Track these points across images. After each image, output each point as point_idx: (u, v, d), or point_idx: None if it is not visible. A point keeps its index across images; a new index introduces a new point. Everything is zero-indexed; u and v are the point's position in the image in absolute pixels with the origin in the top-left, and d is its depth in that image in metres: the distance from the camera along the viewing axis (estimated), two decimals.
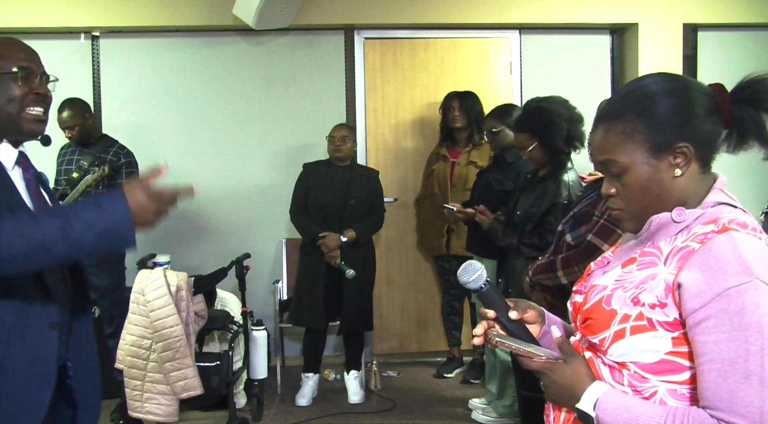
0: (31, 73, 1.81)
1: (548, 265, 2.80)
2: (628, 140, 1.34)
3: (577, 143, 3.20)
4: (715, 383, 1.20)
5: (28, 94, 1.80)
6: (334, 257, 4.34)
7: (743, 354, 1.19)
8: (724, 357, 1.20)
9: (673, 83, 1.36)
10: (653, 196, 1.34)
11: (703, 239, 1.27)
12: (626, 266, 1.37)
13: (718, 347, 1.20)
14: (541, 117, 3.19)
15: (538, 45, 5.34)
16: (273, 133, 5.23)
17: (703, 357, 1.22)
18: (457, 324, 5.01)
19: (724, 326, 1.20)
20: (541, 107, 3.23)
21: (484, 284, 1.42)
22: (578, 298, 1.47)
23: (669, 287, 1.26)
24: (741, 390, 1.18)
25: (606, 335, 1.32)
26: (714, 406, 1.20)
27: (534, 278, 2.85)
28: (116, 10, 4.89)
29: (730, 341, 1.19)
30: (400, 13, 5.05)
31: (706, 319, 1.21)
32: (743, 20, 5.17)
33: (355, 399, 4.46)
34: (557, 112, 3.18)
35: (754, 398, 1.18)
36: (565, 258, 2.75)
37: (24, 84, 1.79)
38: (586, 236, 2.65)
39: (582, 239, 2.65)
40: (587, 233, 2.64)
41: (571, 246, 2.71)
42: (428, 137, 5.20)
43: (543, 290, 2.84)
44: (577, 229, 2.71)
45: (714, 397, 1.20)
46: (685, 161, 1.33)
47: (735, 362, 1.19)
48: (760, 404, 1.17)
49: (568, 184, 3.19)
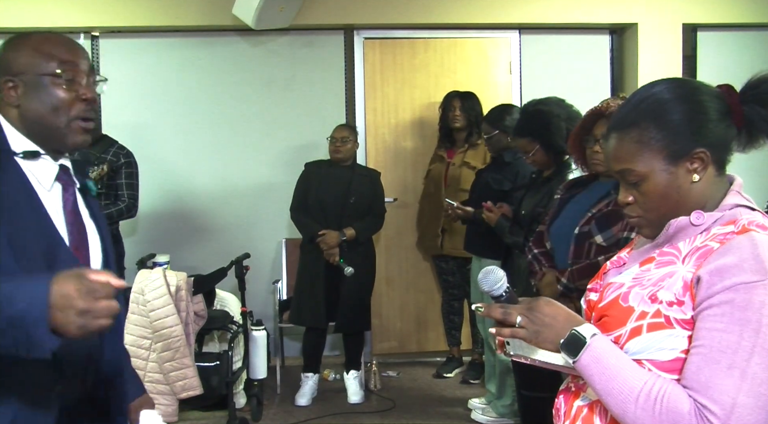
0: (76, 74, 1.54)
1: (589, 268, 2.62)
2: (645, 149, 1.34)
3: None
4: (697, 365, 1.22)
5: (75, 101, 1.53)
6: (332, 255, 4.34)
7: (733, 347, 1.20)
8: (715, 345, 1.21)
9: (685, 89, 1.36)
10: (672, 203, 1.35)
11: (723, 239, 1.28)
12: (644, 265, 1.37)
13: (711, 335, 1.22)
14: (540, 120, 3.21)
15: (537, 45, 5.35)
16: (272, 133, 5.23)
17: (696, 341, 1.24)
18: (457, 324, 5.01)
19: (724, 317, 1.21)
20: (539, 110, 3.25)
21: (505, 291, 1.39)
22: (593, 296, 1.47)
23: (687, 285, 1.27)
24: (720, 378, 1.20)
25: (622, 332, 1.32)
26: (690, 385, 1.22)
27: (575, 284, 2.69)
28: (116, 10, 4.89)
29: (725, 332, 1.21)
30: (400, 13, 5.05)
31: (709, 307, 1.23)
32: (743, 20, 5.17)
33: (355, 399, 4.46)
34: (555, 113, 3.19)
35: (730, 388, 1.19)
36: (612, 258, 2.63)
37: (69, 88, 1.52)
38: (621, 235, 2.57)
39: (616, 239, 2.58)
40: (623, 232, 2.57)
41: (603, 247, 2.61)
42: (428, 137, 5.21)
43: (579, 296, 2.75)
44: (607, 229, 2.61)
45: (693, 378, 1.22)
46: (703, 166, 1.34)
47: (723, 351, 1.21)
48: (734, 395, 1.19)
49: None
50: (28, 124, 1.52)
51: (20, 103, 1.51)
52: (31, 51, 1.52)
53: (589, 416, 1.37)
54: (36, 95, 1.51)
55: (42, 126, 1.52)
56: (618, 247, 2.49)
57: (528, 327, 1.34)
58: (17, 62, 1.51)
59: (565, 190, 2.94)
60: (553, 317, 1.34)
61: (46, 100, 1.51)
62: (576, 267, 2.68)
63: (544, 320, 1.34)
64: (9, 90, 1.51)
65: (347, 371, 4.55)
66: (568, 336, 1.31)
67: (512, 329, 1.36)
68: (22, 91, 1.51)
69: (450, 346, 5.04)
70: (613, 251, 2.50)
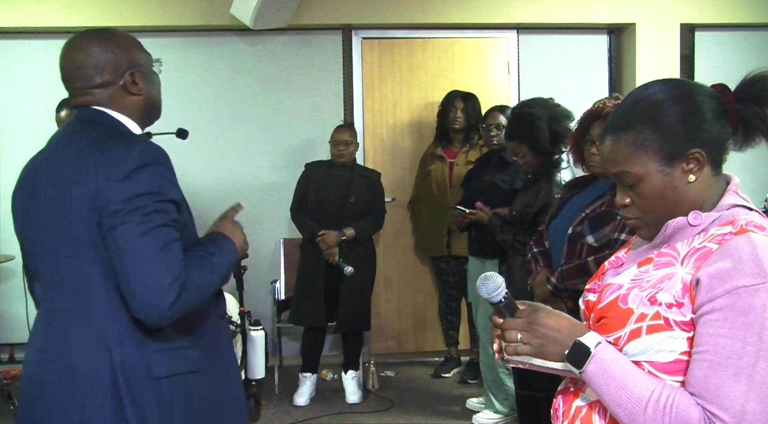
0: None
1: (579, 269, 2.63)
2: (640, 151, 1.34)
3: (564, 141, 3.21)
4: (704, 373, 1.22)
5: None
6: (332, 254, 4.34)
7: (738, 352, 1.20)
8: (720, 351, 1.21)
9: (679, 90, 1.36)
10: (669, 204, 1.35)
11: (721, 240, 1.28)
12: (642, 266, 1.37)
13: (716, 341, 1.21)
14: (524, 122, 3.26)
15: (535, 45, 5.35)
16: (270, 133, 5.23)
17: (699, 347, 1.23)
18: (455, 324, 5.01)
19: (726, 322, 1.21)
20: (522, 113, 3.30)
21: (504, 298, 1.38)
22: (591, 297, 1.47)
23: (686, 287, 1.27)
24: (728, 385, 1.20)
25: (621, 334, 1.32)
26: (698, 393, 1.22)
27: (564, 284, 2.69)
28: (113, 10, 4.89)
29: (729, 337, 1.21)
30: (398, 13, 5.05)
31: (710, 312, 1.23)
32: (740, 20, 5.18)
33: (353, 399, 4.46)
34: (537, 115, 3.23)
35: (738, 395, 1.19)
36: (600, 259, 2.54)
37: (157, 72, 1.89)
38: (613, 236, 2.56)
39: (607, 240, 2.57)
40: (614, 233, 2.57)
41: (595, 248, 2.60)
42: (426, 137, 5.20)
43: (569, 296, 2.76)
44: (599, 230, 2.60)
45: (701, 386, 1.22)
46: (698, 167, 1.33)
47: (729, 357, 1.20)
48: (743, 402, 1.19)
49: (559, 184, 3.22)
50: (147, 109, 1.83)
51: (143, 91, 1.80)
52: (137, 46, 1.82)
53: (588, 415, 1.37)
54: (151, 83, 1.83)
55: (156, 109, 1.87)
56: (609, 248, 2.50)
57: (531, 342, 1.34)
58: (136, 57, 1.79)
59: (566, 189, 2.94)
60: (556, 330, 1.33)
61: (158, 86, 1.87)
62: (566, 267, 2.68)
63: (547, 333, 1.33)
64: (134, 80, 1.78)
65: (345, 371, 4.55)
66: (572, 347, 1.30)
67: (515, 347, 1.35)
68: (142, 80, 1.79)
69: (448, 346, 5.04)
70: (604, 251, 2.51)
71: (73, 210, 1.64)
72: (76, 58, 1.76)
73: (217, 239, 1.83)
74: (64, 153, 1.71)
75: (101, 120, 1.75)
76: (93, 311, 1.65)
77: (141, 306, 1.59)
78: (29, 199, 1.75)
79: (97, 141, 1.68)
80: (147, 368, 1.66)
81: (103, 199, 1.60)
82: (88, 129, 1.73)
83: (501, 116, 4.09)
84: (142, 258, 1.57)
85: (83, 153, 1.66)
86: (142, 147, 1.66)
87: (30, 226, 1.75)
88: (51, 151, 1.78)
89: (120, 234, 1.58)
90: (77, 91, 1.78)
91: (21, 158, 1.95)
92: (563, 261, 2.71)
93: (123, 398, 1.63)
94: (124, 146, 1.65)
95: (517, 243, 3.35)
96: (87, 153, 1.66)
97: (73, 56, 1.77)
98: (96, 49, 1.75)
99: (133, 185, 1.60)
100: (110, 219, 1.59)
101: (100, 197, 1.60)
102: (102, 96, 1.76)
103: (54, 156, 1.74)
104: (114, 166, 1.61)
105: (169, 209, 1.66)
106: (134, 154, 1.63)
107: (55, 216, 1.67)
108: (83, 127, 1.74)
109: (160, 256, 1.58)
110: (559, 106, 3.30)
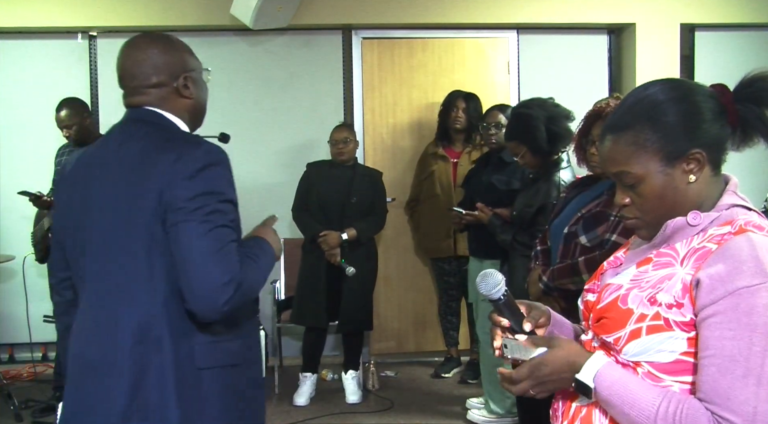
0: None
1: (569, 269, 2.65)
2: (640, 151, 1.34)
3: (563, 141, 3.21)
4: (713, 377, 1.21)
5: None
6: (333, 255, 4.34)
7: (745, 353, 1.20)
8: (726, 353, 1.21)
9: (679, 90, 1.36)
10: (669, 204, 1.35)
11: (720, 240, 1.28)
12: (641, 266, 1.37)
13: (722, 343, 1.21)
14: (522, 123, 3.26)
15: (536, 45, 5.35)
16: (270, 133, 5.23)
17: (706, 351, 1.23)
18: (455, 324, 5.01)
19: (730, 324, 1.21)
20: (520, 113, 3.30)
21: (503, 295, 1.39)
22: (591, 297, 1.47)
23: (686, 287, 1.27)
24: (737, 388, 1.19)
25: (621, 334, 1.32)
26: (709, 399, 1.21)
27: (554, 283, 2.71)
28: (114, 10, 4.89)
29: (734, 339, 1.20)
30: (398, 13, 5.05)
31: (714, 315, 1.22)
32: (740, 20, 5.18)
33: (353, 399, 4.46)
34: (534, 116, 3.23)
35: (749, 397, 1.19)
36: (590, 260, 2.60)
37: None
38: (605, 237, 2.56)
39: (600, 240, 2.57)
40: (606, 233, 2.57)
41: (587, 248, 2.60)
42: (426, 137, 5.20)
43: (560, 295, 2.77)
44: (592, 230, 2.60)
45: (710, 391, 1.21)
46: (699, 167, 1.33)
47: (736, 359, 1.20)
48: (754, 404, 1.18)
49: (558, 185, 3.23)
50: (195, 113, 1.92)
51: (194, 96, 1.88)
52: (191, 52, 1.90)
53: (588, 415, 1.37)
54: (201, 89, 1.92)
55: (202, 115, 1.96)
56: (601, 248, 2.50)
57: (543, 391, 1.38)
58: (190, 62, 1.88)
59: (570, 189, 2.95)
60: (559, 372, 1.35)
61: (206, 91, 1.96)
62: (557, 267, 2.69)
63: (553, 379, 1.36)
64: (186, 84, 1.85)
65: (345, 371, 4.55)
66: (575, 385, 1.34)
67: (521, 387, 1.38)
68: (193, 85, 1.87)
69: (448, 346, 5.04)
70: (596, 252, 2.52)
71: (134, 208, 1.70)
72: (136, 58, 1.82)
73: (261, 243, 1.91)
74: (122, 152, 1.76)
75: (157, 120, 1.81)
76: (144, 304, 1.71)
77: (197, 301, 1.66)
78: (83, 199, 1.79)
79: (158, 140, 1.74)
80: (191, 359, 1.72)
81: (169, 196, 1.66)
82: (145, 128, 1.79)
83: (500, 115, 4.09)
84: (203, 256, 1.64)
85: (145, 152, 1.72)
86: (208, 147, 1.73)
87: (84, 225, 1.78)
88: (106, 150, 1.81)
89: (182, 231, 1.65)
90: (133, 90, 1.83)
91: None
92: (558, 260, 2.72)
93: (166, 387, 1.69)
94: (190, 146, 1.72)
95: (517, 243, 3.36)
96: (149, 152, 1.72)
97: (133, 55, 1.83)
98: (155, 51, 1.82)
99: (198, 184, 1.67)
100: (174, 215, 1.66)
101: (166, 194, 1.66)
102: (155, 96, 1.82)
103: (111, 155, 1.78)
104: (182, 164, 1.67)
105: (229, 210, 1.72)
106: (201, 154, 1.70)
107: (113, 214, 1.73)
108: (140, 127, 1.80)
109: (219, 255, 1.65)
110: (558, 107, 3.29)
